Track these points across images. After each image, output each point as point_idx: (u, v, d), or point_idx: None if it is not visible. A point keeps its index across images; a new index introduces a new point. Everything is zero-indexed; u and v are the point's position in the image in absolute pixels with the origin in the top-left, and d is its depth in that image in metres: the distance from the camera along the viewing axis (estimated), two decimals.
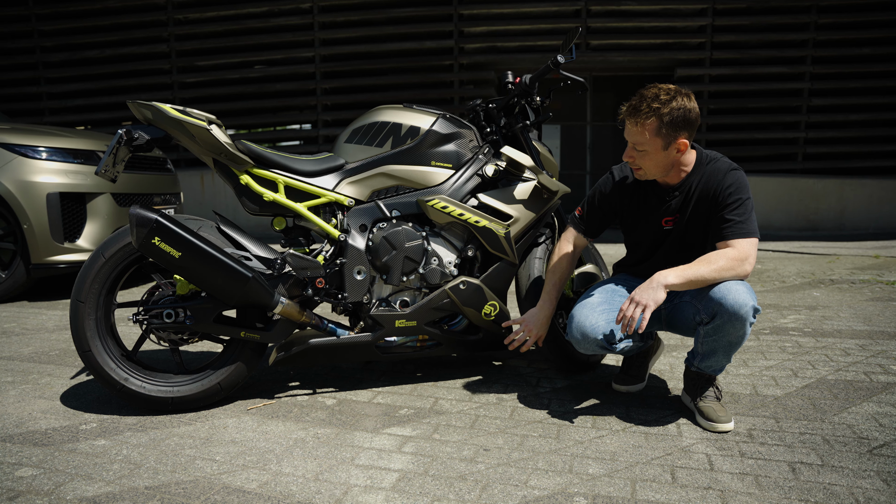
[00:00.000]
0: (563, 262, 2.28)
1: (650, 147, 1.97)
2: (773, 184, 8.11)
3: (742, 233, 1.98)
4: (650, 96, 1.96)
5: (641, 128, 1.96)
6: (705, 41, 8.17)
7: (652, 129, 1.95)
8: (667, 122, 1.94)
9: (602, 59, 8.51)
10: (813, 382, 2.49)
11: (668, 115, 1.93)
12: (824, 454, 1.86)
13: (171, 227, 1.92)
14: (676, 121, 1.94)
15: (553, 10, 8.24)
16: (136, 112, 2.07)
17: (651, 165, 2.01)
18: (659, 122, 1.94)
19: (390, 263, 2.20)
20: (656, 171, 2.03)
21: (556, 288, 2.27)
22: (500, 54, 8.56)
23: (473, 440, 1.95)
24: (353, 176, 2.26)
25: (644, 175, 2.05)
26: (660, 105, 1.93)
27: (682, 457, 1.84)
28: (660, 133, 1.95)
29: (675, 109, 1.93)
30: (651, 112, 1.93)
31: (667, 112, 1.93)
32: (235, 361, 2.14)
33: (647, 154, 1.99)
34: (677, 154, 2.01)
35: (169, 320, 2.05)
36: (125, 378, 2.07)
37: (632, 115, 1.97)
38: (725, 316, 1.92)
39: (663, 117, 1.93)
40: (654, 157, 1.99)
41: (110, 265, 2.07)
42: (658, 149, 1.98)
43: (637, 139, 1.97)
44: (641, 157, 2.00)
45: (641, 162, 2.01)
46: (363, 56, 8.38)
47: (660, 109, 1.93)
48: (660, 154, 1.99)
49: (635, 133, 1.97)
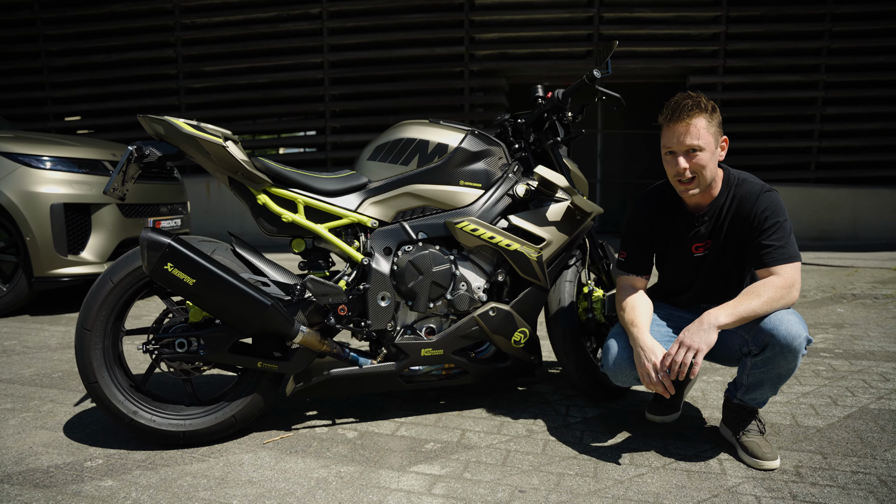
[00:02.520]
0: (636, 299, 2.03)
1: (706, 143, 1.87)
2: (786, 193, 7.97)
3: (785, 258, 1.87)
4: (683, 97, 1.89)
5: (694, 125, 1.86)
6: (718, 49, 8.06)
7: (703, 124, 1.86)
8: (712, 116, 1.88)
9: (615, 66, 8.37)
10: (855, 412, 2.36)
11: (710, 108, 1.88)
12: (883, 498, 1.74)
13: (185, 253, 1.81)
14: (716, 115, 1.89)
15: (565, 17, 8.14)
16: (148, 127, 1.96)
17: (707, 171, 1.90)
18: (706, 115, 1.87)
19: (416, 289, 2.08)
20: (709, 176, 1.92)
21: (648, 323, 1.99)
22: (510, 61, 8.46)
23: (507, 479, 1.82)
24: (377, 196, 2.14)
25: (696, 189, 1.92)
26: (699, 100, 1.87)
27: (729, 499, 1.72)
28: (709, 129, 1.88)
29: (712, 104, 1.89)
30: (696, 107, 1.86)
31: (708, 105, 1.88)
32: (251, 392, 2.02)
33: (702, 155, 1.87)
34: (721, 154, 1.93)
35: (181, 350, 1.93)
36: (134, 411, 1.95)
37: (678, 116, 1.86)
38: (777, 348, 1.80)
39: (707, 109, 1.87)
40: (709, 159, 1.89)
41: (119, 291, 1.95)
42: (711, 147, 1.89)
43: (692, 139, 1.86)
44: (697, 162, 1.88)
45: (697, 167, 1.89)
46: (373, 62, 8.28)
47: (700, 103, 1.87)
48: (712, 154, 1.90)
49: (688, 132, 1.86)
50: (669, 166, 1.94)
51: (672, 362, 1.79)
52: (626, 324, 1.98)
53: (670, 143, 1.90)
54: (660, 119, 1.93)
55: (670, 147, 1.91)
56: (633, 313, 1.99)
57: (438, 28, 8.19)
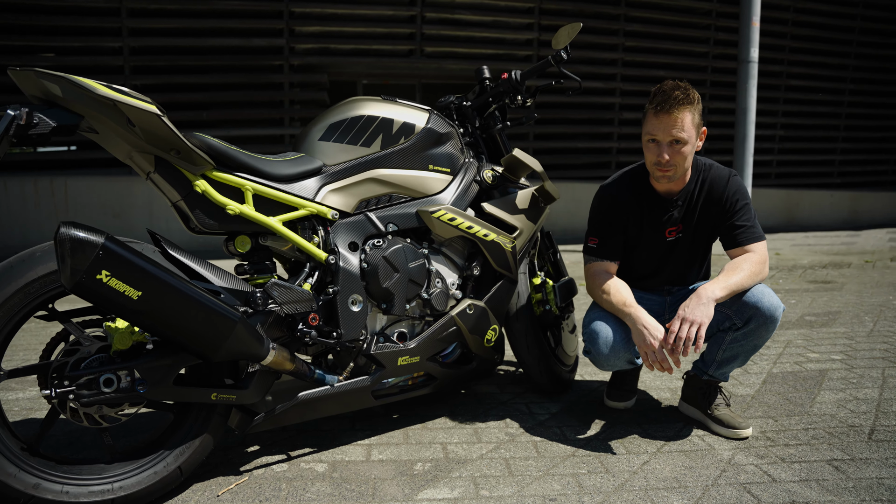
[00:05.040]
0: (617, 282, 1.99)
1: (689, 136, 1.88)
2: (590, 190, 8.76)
3: (756, 236, 1.97)
4: (673, 87, 1.87)
5: (681, 118, 1.85)
6: (532, 54, 8.59)
7: (689, 118, 1.87)
8: (697, 109, 1.89)
9: (436, 66, 8.51)
10: (767, 378, 2.59)
11: (696, 100, 1.89)
12: (844, 447, 1.91)
13: (126, 256, 1.33)
14: (700, 107, 1.91)
15: (388, 14, 8.03)
16: (31, 86, 1.42)
17: (686, 161, 1.92)
18: (693, 109, 1.88)
19: (393, 289, 1.80)
20: (687, 165, 1.94)
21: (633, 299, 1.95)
22: (333, 56, 8.12)
23: (528, 490, 1.65)
24: (337, 182, 1.81)
25: (672, 177, 1.93)
26: (689, 93, 1.87)
27: (738, 473, 1.75)
28: (693, 122, 1.89)
29: (698, 97, 1.90)
30: (685, 100, 1.85)
31: (696, 98, 1.89)
32: (200, 433, 1.58)
33: (684, 147, 1.88)
34: (698, 145, 1.95)
35: (109, 389, 1.43)
36: (35, 484, 1.40)
37: (668, 109, 1.84)
38: (761, 319, 1.88)
39: (694, 102, 1.88)
40: (690, 150, 1.90)
41: (2, 317, 1.39)
42: (693, 139, 1.90)
43: (677, 132, 1.86)
44: (678, 152, 1.88)
45: (677, 158, 1.89)
46: (182, 51, 7.35)
47: (689, 96, 1.87)
48: (693, 146, 1.91)
49: (674, 124, 1.86)
50: (650, 153, 1.92)
51: (676, 339, 1.77)
52: (618, 305, 1.92)
53: (655, 132, 1.89)
54: (647, 106, 1.90)
55: (654, 136, 1.89)
56: (620, 295, 1.94)
57: (256, 17, 7.56)
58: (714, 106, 9.52)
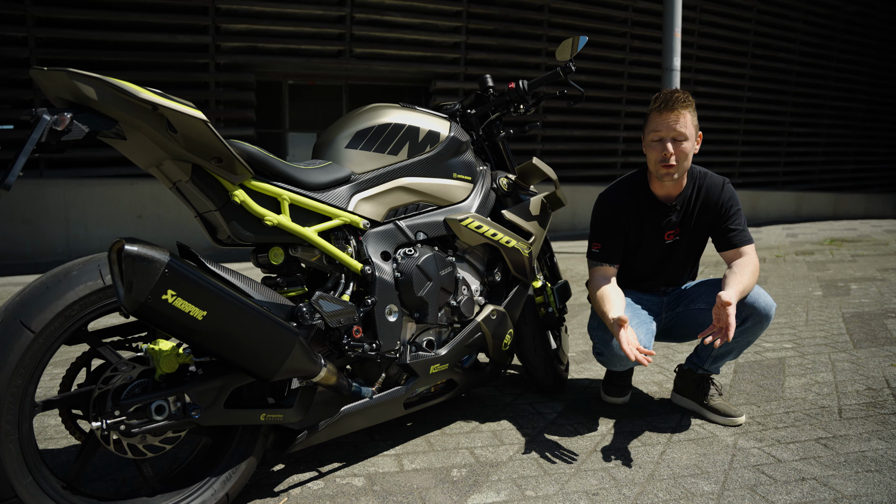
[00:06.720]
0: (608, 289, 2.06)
1: (690, 134, 2.02)
2: None
3: (748, 240, 2.14)
4: (673, 91, 2.03)
5: (684, 115, 2.00)
6: (460, 57, 8.71)
7: (689, 117, 2.02)
8: (694, 113, 2.04)
9: (365, 67, 8.44)
10: (736, 367, 2.81)
11: (694, 105, 2.04)
12: (824, 426, 2.11)
13: (191, 275, 1.26)
14: (696, 113, 2.06)
15: (317, 14, 7.88)
16: (57, 86, 1.31)
17: (687, 160, 2.04)
18: (692, 111, 2.03)
19: (427, 298, 1.80)
20: (687, 165, 2.07)
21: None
22: (261, 56, 7.86)
23: (569, 487, 1.72)
24: (367, 190, 1.79)
25: (675, 173, 2.04)
26: (688, 96, 2.03)
27: (747, 456, 1.90)
28: (693, 122, 2.04)
29: (694, 103, 2.05)
30: (686, 101, 2.00)
31: (693, 103, 2.04)
32: (246, 456, 1.52)
33: (686, 144, 2.02)
34: (696, 148, 2.09)
35: (160, 416, 1.35)
36: None
37: (671, 106, 1.99)
38: (757, 317, 2.04)
39: (692, 106, 2.03)
40: (691, 148, 2.04)
41: (44, 343, 1.28)
42: (693, 139, 2.04)
43: (681, 127, 2.00)
44: (681, 149, 2.01)
45: (680, 154, 2.02)
46: (98, 45, 6.86)
47: (689, 99, 2.02)
48: (692, 145, 2.05)
49: (678, 121, 1.99)
50: (654, 151, 2.04)
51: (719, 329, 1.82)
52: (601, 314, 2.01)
53: (660, 129, 2.00)
54: (650, 108, 2.01)
55: (660, 132, 2.01)
56: (606, 303, 2.00)
57: (180, 13, 7.18)
58: (630, 110, 10.06)
